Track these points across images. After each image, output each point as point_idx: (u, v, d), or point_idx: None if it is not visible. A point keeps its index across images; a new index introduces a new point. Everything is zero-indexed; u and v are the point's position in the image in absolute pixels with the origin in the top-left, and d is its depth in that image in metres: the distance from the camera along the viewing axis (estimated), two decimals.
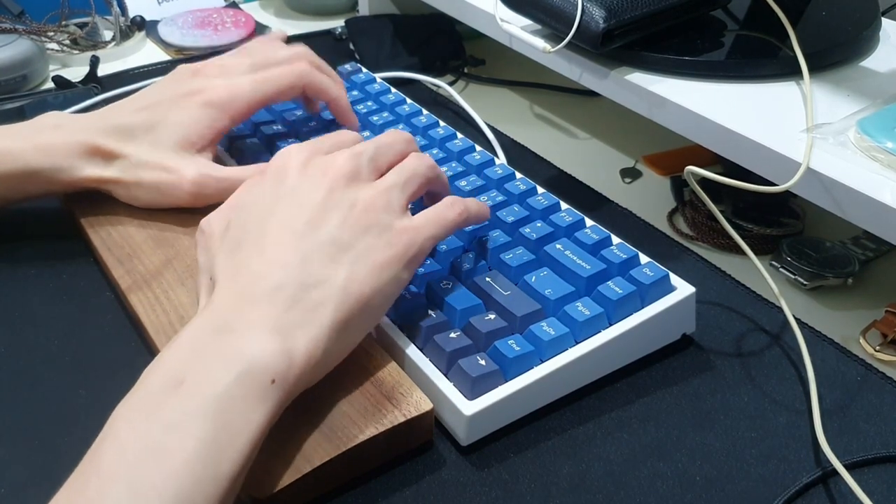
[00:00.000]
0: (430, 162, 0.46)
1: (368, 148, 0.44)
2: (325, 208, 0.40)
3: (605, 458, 0.41)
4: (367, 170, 0.43)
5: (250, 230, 0.41)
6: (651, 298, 0.45)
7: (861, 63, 0.60)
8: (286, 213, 0.40)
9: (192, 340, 0.36)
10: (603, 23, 0.56)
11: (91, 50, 0.82)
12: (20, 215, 0.57)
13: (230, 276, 0.39)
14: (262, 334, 0.36)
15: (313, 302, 0.38)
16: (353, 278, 0.39)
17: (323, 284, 0.38)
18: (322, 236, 0.40)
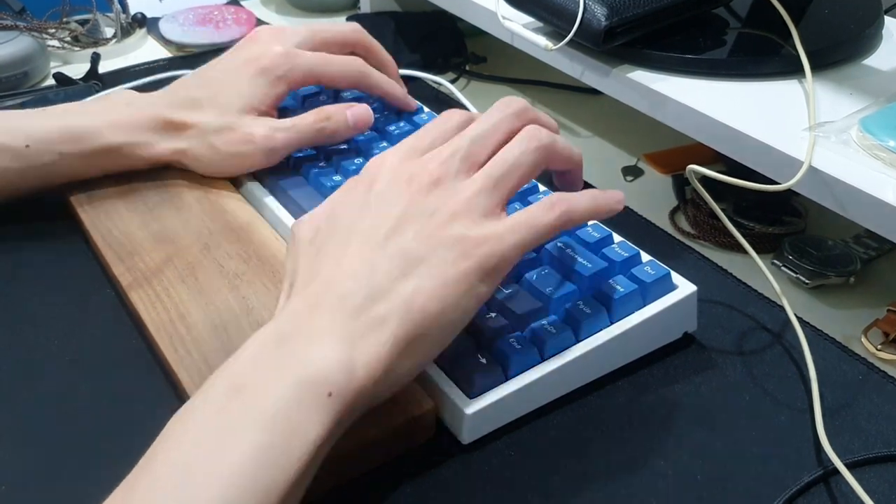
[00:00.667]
0: (540, 141, 0.41)
1: (463, 143, 0.41)
2: (404, 219, 0.39)
3: (606, 457, 0.41)
4: (457, 171, 0.40)
5: (334, 239, 0.40)
6: (652, 297, 0.45)
7: (864, 61, 0.60)
8: (368, 223, 0.39)
9: (259, 346, 0.36)
10: (605, 20, 0.56)
11: (92, 47, 0.82)
12: (20, 213, 0.57)
13: (305, 284, 0.39)
14: (324, 342, 0.35)
15: (377, 315, 0.36)
16: (419, 293, 0.37)
17: (388, 297, 0.37)
18: (395, 248, 0.38)
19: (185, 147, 0.55)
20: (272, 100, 0.56)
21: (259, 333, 0.37)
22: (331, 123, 0.56)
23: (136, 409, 0.43)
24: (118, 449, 0.41)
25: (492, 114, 0.43)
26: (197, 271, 0.50)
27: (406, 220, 0.39)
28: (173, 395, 0.44)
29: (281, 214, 0.54)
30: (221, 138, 0.55)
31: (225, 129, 0.55)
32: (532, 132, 0.41)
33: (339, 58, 0.58)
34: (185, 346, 0.45)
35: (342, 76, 0.58)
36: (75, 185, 0.57)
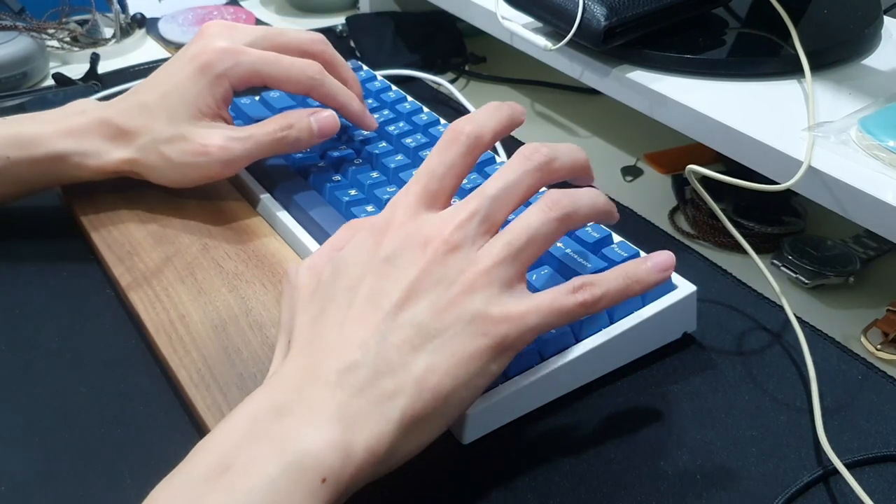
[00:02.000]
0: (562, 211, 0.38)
1: (483, 204, 0.37)
2: (418, 288, 0.36)
3: (606, 457, 0.41)
4: (475, 235, 0.37)
5: (339, 296, 0.37)
6: (652, 297, 0.45)
7: (863, 61, 0.60)
8: (377, 285, 0.36)
9: (250, 418, 0.33)
10: (604, 20, 0.56)
11: (91, 47, 0.82)
12: (20, 213, 0.57)
13: (305, 346, 0.36)
14: (321, 422, 0.33)
15: (384, 392, 0.34)
16: (431, 370, 0.35)
17: (397, 373, 0.34)
18: (407, 320, 0.35)
19: (136, 157, 0.52)
20: (216, 101, 0.52)
21: (252, 400, 0.34)
22: (293, 132, 0.53)
23: (135, 409, 0.43)
24: (118, 449, 0.41)
25: (514, 167, 0.39)
26: (196, 271, 0.50)
27: (420, 289, 0.36)
28: (173, 395, 0.44)
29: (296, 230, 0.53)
30: (174, 148, 0.52)
31: (177, 139, 0.51)
32: (555, 199, 0.38)
33: (290, 58, 0.53)
34: (185, 347, 0.45)
35: (292, 79, 0.53)
36: (75, 187, 0.57)
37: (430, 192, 0.39)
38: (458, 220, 0.37)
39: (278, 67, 0.53)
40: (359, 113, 0.56)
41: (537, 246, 0.38)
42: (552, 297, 0.37)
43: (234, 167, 0.53)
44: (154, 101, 0.52)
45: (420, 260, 0.36)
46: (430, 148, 0.58)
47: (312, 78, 0.53)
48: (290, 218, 0.53)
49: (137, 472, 0.40)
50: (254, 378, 0.43)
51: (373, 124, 0.58)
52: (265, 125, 0.53)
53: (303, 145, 0.54)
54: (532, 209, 0.38)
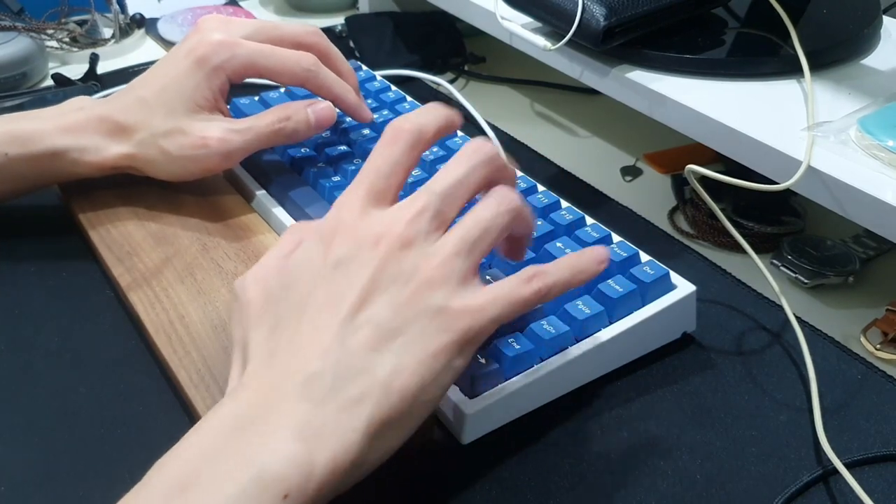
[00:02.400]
0: (512, 205, 0.38)
1: (433, 199, 0.37)
2: (374, 287, 0.35)
3: (606, 457, 0.41)
4: (427, 230, 0.36)
5: (292, 307, 0.36)
6: (651, 297, 0.45)
7: (862, 61, 0.60)
8: (331, 289, 0.35)
9: (210, 434, 0.33)
10: (604, 20, 0.56)
11: (90, 47, 0.82)
12: (20, 213, 0.57)
13: (263, 360, 0.35)
14: (284, 435, 0.32)
15: (349, 399, 0.33)
16: (398, 371, 0.34)
17: (361, 378, 0.33)
18: (365, 320, 0.34)
19: (134, 152, 0.52)
20: (213, 93, 0.52)
21: (213, 415, 0.33)
22: (291, 123, 0.53)
23: (135, 409, 0.43)
24: (117, 449, 0.41)
25: (461, 161, 0.38)
26: (196, 272, 0.50)
27: (376, 288, 0.35)
28: (172, 395, 0.44)
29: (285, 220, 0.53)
30: (172, 142, 0.52)
31: (175, 133, 0.52)
32: (505, 194, 0.38)
33: (285, 50, 0.53)
34: (184, 347, 0.45)
35: (287, 71, 0.53)
36: (74, 187, 0.57)
37: (377, 191, 0.38)
38: (409, 216, 0.36)
39: (273, 59, 0.53)
40: (354, 105, 0.56)
41: (490, 239, 0.37)
42: (508, 287, 0.37)
43: (233, 159, 0.53)
44: (151, 96, 0.52)
45: (373, 258, 0.35)
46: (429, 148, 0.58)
47: (307, 69, 0.53)
48: (290, 218, 0.53)
49: (137, 472, 0.39)
50: None
51: (368, 116, 0.58)
52: (263, 117, 0.53)
53: (300, 136, 0.54)
54: (483, 203, 0.38)
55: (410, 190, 0.39)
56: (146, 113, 0.52)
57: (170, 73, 0.52)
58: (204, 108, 0.52)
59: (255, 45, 0.53)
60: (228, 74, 0.53)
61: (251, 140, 0.52)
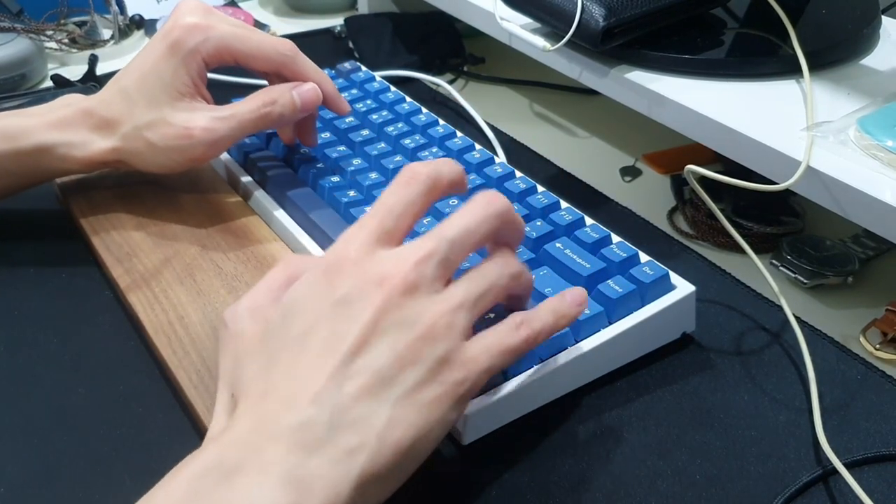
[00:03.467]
0: (515, 269, 0.38)
1: (441, 246, 0.36)
2: (374, 331, 0.34)
3: (605, 457, 0.41)
4: (433, 277, 0.35)
5: (291, 343, 0.34)
6: (651, 297, 0.45)
7: (861, 61, 0.60)
8: (331, 329, 0.34)
9: (194, 478, 0.31)
10: (603, 21, 0.56)
11: (90, 49, 0.82)
12: (19, 215, 0.57)
13: (255, 400, 0.33)
14: (272, 484, 0.30)
15: (343, 449, 0.32)
16: (394, 422, 0.33)
17: (357, 428, 0.32)
18: (364, 366, 0.33)
19: (120, 145, 0.52)
20: (192, 79, 0.51)
21: (196, 459, 0.32)
22: (276, 107, 0.52)
23: (134, 410, 0.43)
24: (117, 450, 0.41)
25: (473, 211, 0.37)
26: (195, 272, 0.50)
27: (377, 332, 0.34)
28: (171, 396, 0.44)
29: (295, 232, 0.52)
30: (157, 133, 0.51)
31: (159, 123, 0.51)
32: (509, 258, 0.38)
33: (262, 34, 0.53)
34: (184, 348, 0.45)
35: (262, 54, 0.52)
36: (73, 188, 0.57)
37: (386, 230, 0.37)
38: (416, 259, 0.35)
39: (249, 43, 0.52)
40: (332, 93, 0.55)
41: (492, 297, 0.37)
42: (500, 338, 0.37)
43: (218, 148, 0.52)
44: (133, 86, 0.52)
45: (376, 299, 0.34)
46: (428, 149, 0.58)
47: (284, 54, 0.53)
48: (290, 219, 0.53)
49: (137, 473, 0.40)
50: None
51: (345, 107, 0.57)
52: (247, 102, 0.52)
53: (287, 120, 0.53)
54: (491, 262, 0.38)
55: None
56: (129, 105, 0.51)
57: (147, 61, 0.52)
58: (185, 95, 0.51)
59: (230, 28, 0.52)
60: (204, 57, 0.51)
61: (236, 127, 0.52)
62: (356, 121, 0.61)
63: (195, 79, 0.52)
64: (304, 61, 0.54)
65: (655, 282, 0.45)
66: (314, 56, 0.56)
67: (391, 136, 0.59)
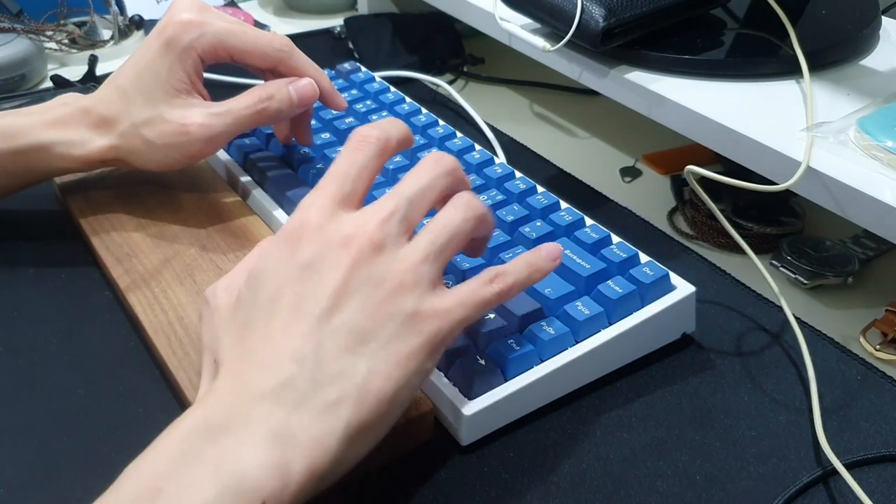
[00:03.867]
0: (476, 211, 0.38)
1: (401, 203, 0.37)
2: (345, 291, 0.35)
3: (605, 458, 0.41)
4: (396, 233, 0.36)
5: (261, 309, 0.35)
6: (651, 297, 0.45)
7: (861, 62, 0.60)
8: (302, 291, 0.35)
9: (181, 439, 0.32)
10: (603, 21, 0.56)
11: (89, 49, 0.82)
12: (19, 215, 0.57)
13: (235, 364, 0.35)
14: (258, 440, 0.31)
15: (326, 402, 0.33)
16: (373, 373, 0.34)
17: (338, 381, 0.33)
18: (340, 324, 0.34)
19: (118, 143, 0.51)
20: (188, 75, 0.51)
21: (183, 420, 0.32)
22: (273, 103, 0.52)
23: (134, 410, 0.43)
24: (116, 451, 0.41)
25: (425, 170, 0.39)
26: (195, 273, 0.50)
27: (349, 290, 0.35)
28: (171, 396, 0.44)
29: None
30: (153, 130, 0.51)
31: (155, 120, 0.51)
32: (468, 199, 0.39)
33: (257, 30, 0.52)
34: (183, 348, 0.45)
35: (258, 50, 0.52)
36: (73, 188, 0.57)
37: (344, 193, 0.38)
38: (379, 218, 0.36)
39: (244, 38, 0.52)
40: (329, 89, 0.55)
41: (456, 243, 0.38)
42: (472, 289, 0.38)
43: (215, 144, 0.52)
44: (130, 84, 0.52)
45: (344, 260, 0.35)
46: (428, 150, 0.58)
47: (280, 50, 0.53)
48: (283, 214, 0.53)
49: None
50: None
51: (342, 103, 0.57)
52: (244, 98, 0.52)
53: (284, 115, 0.53)
54: (450, 209, 0.38)
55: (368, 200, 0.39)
56: (126, 103, 0.51)
57: (143, 59, 0.52)
58: (181, 92, 0.51)
59: (225, 24, 0.52)
60: (199, 54, 0.51)
61: (232, 123, 0.51)
62: (356, 121, 0.61)
63: (191, 75, 0.52)
64: (300, 57, 0.54)
65: (655, 282, 0.45)
66: (314, 56, 0.56)
67: None
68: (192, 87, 0.52)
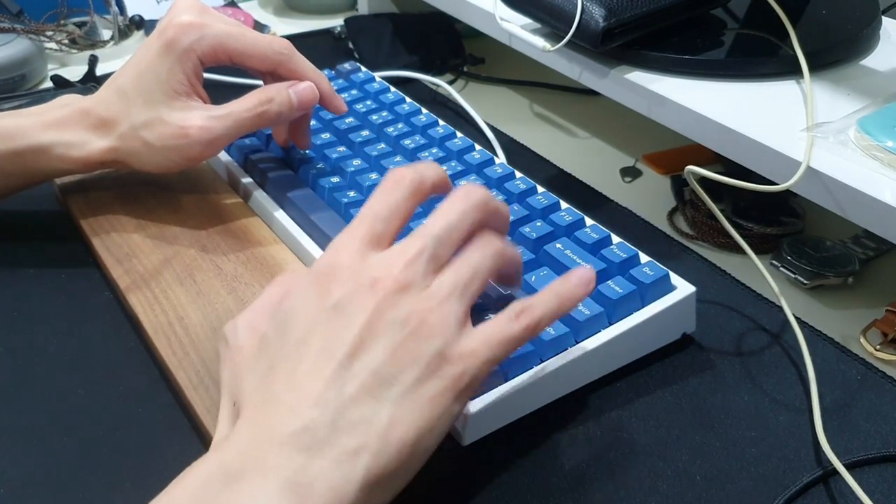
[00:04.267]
0: (497, 248, 0.38)
1: (429, 242, 0.36)
2: (370, 332, 0.34)
3: (606, 458, 0.41)
4: (423, 273, 0.36)
5: (286, 352, 0.35)
6: (651, 298, 0.45)
7: (861, 62, 0.60)
8: (327, 335, 0.34)
9: (197, 486, 0.31)
10: (603, 21, 0.56)
11: (90, 49, 0.82)
12: (19, 215, 0.57)
13: (256, 408, 0.34)
14: (275, 488, 0.31)
15: (346, 450, 0.32)
16: (395, 422, 0.33)
17: (359, 429, 0.32)
18: (362, 367, 0.33)
19: (117, 145, 0.51)
20: (188, 77, 0.51)
21: (200, 465, 0.32)
22: (273, 106, 0.52)
23: (134, 410, 0.43)
24: (116, 451, 0.41)
25: (454, 205, 0.38)
26: (195, 273, 0.50)
27: (373, 333, 0.34)
28: (171, 396, 0.44)
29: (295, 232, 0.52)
30: (153, 132, 0.51)
31: (155, 122, 0.51)
32: (490, 238, 0.38)
33: (257, 33, 0.53)
34: (184, 348, 0.45)
35: (258, 53, 0.52)
36: (72, 189, 0.57)
37: (376, 234, 0.37)
38: (406, 259, 0.36)
39: (244, 41, 0.52)
40: (329, 92, 0.55)
41: (480, 281, 0.37)
42: (498, 328, 0.36)
43: (215, 147, 0.52)
44: (129, 86, 0.51)
45: (370, 302, 0.34)
46: (428, 149, 0.58)
47: (280, 52, 0.53)
48: (290, 220, 0.53)
49: (137, 473, 0.40)
50: None
51: (342, 107, 0.56)
52: (244, 101, 0.52)
53: (284, 118, 0.53)
54: (471, 247, 0.38)
55: None
56: (125, 104, 0.51)
57: (143, 60, 0.52)
58: (181, 94, 0.51)
59: (225, 27, 0.52)
60: (199, 56, 0.51)
61: (232, 126, 0.51)
62: (356, 121, 0.61)
63: (191, 77, 0.52)
64: (300, 60, 0.54)
65: (655, 282, 0.45)
66: (314, 57, 0.56)
67: (391, 136, 0.59)
68: (191, 90, 0.52)
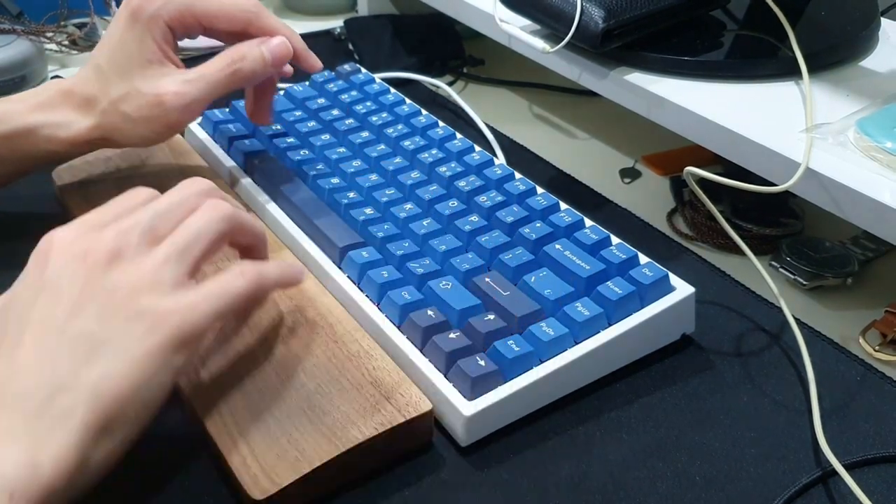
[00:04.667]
0: (224, 212, 0.40)
1: (143, 217, 0.38)
2: (83, 299, 0.36)
3: (605, 459, 0.41)
4: (137, 244, 0.37)
5: (10, 329, 0.36)
6: (650, 298, 0.45)
7: (860, 63, 0.60)
8: (44, 308, 0.36)
9: None
10: (602, 23, 0.56)
11: (90, 50, 0.81)
12: (19, 215, 0.57)
13: None
14: (4, 444, 0.33)
15: (63, 407, 0.34)
16: (106, 377, 0.34)
17: (71, 388, 0.34)
18: (76, 331, 0.35)
19: (100, 122, 0.51)
20: (158, 44, 0.51)
21: None
22: (246, 63, 0.51)
23: None
24: None
25: (176, 191, 0.40)
26: None
27: (86, 300, 0.36)
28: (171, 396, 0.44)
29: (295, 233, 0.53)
30: (130, 104, 0.51)
31: (131, 94, 0.51)
32: (214, 204, 0.40)
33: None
34: None
35: (226, 14, 0.52)
36: (73, 189, 0.57)
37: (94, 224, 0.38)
38: (118, 230, 0.37)
39: (210, 2, 0.52)
40: (302, 49, 0.54)
41: (203, 245, 0.38)
42: (220, 282, 0.38)
43: (192, 111, 0.52)
44: (105, 61, 0.52)
45: (82, 270, 0.36)
46: (428, 150, 0.58)
47: (247, 11, 0.52)
48: (290, 222, 0.53)
49: (136, 473, 0.40)
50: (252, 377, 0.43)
51: (317, 64, 0.56)
52: (216, 61, 0.52)
53: (258, 76, 0.53)
54: (193, 214, 0.39)
55: None
56: (103, 81, 0.52)
57: (114, 34, 0.52)
58: (153, 62, 0.51)
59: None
60: (167, 21, 0.51)
61: (205, 88, 0.51)
62: (356, 123, 0.61)
63: (161, 45, 0.51)
64: (269, 17, 0.53)
65: (655, 283, 0.45)
66: None
67: (391, 138, 0.59)
68: (164, 57, 0.52)
